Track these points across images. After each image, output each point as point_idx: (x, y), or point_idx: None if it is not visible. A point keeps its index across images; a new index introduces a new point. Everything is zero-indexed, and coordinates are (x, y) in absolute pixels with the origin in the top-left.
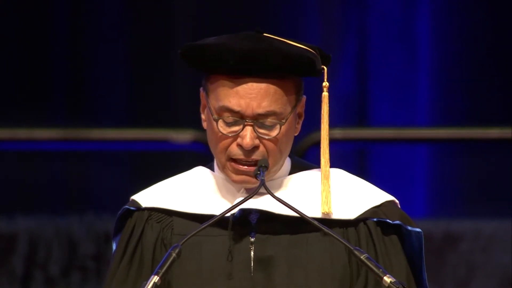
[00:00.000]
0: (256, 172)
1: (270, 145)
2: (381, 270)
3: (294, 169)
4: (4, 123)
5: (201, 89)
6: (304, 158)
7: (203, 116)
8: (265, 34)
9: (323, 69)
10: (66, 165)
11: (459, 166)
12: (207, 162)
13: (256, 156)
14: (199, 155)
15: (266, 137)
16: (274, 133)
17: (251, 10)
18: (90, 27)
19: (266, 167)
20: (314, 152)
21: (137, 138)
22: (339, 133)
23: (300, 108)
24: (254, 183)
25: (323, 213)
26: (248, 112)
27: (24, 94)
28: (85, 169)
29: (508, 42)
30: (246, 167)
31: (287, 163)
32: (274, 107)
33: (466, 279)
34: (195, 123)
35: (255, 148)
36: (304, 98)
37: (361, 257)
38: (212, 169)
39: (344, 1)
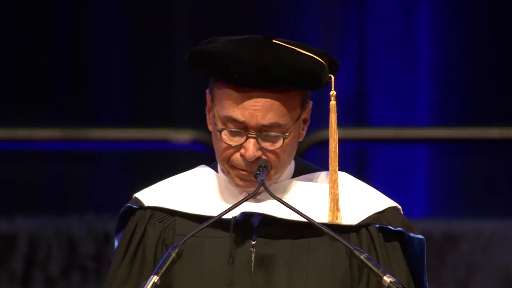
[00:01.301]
0: (255, 173)
1: (272, 157)
2: (381, 270)
3: (297, 172)
4: (4, 123)
5: (207, 91)
6: (304, 158)
7: (208, 119)
8: (274, 41)
9: (330, 78)
10: (66, 165)
11: (459, 166)
12: (207, 162)
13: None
14: (199, 155)
15: (269, 149)
16: (277, 145)
17: (251, 11)
18: (90, 28)
19: (266, 167)
20: (314, 152)
21: (137, 138)
22: (339, 133)
23: (306, 114)
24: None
25: (329, 221)
26: (252, 123)
27: (24, 94)
28: (85, 169)
29: (508, 42)
30: (249, 173)
31: (291, 166)
32: (278, 119)
33: (466, 279)
34: (195, 123)
35: (257, 159)
36: (310, 104)
37: (361, 257)
38: (215, 169)
39: (344, 2)
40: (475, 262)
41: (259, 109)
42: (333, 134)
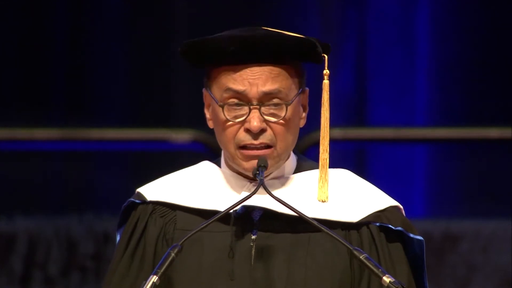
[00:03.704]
0: (255, 172)
1: (277, 127)
2: (380, 270)
3: (299, 168)
4: (4, 123)
5: (203, 89)
6: None
7: (208, 115)
8: (263, 28)
9: (324, 57)
10: (66, 165)
11: (459, 166)
12: (210, 159)
13: (264, 139)
14: (198, 155)
15: (273, 120)
16: (281, 114)
17: (251, 10)
18: (90, 27)
19: (266, 167)
20: (314, 151)
21: (137, 138)
22: (338, 132)
23: (304, 100)
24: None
25: (319, 201)
26: (253, 91)
27: (24, 94)
28: (85, 169)
29: (508, 42)
30: (255, 151)
31: (292, 162)
32: (279, 86)
33: (466, 279)
34: (195, 123)
35: (262, 131)
36: (307, 90)
37: (360, 257)
38: (218, 164)
39: (343, 1)
40: (475, 262)
41: (258, 77)
42: (325, 112)
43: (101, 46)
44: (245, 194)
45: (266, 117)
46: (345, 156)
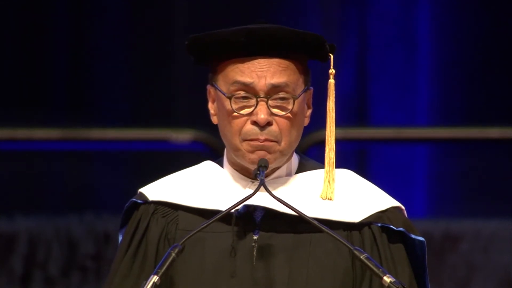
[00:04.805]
0: (255, 172)
1: (283, 122)
2: (381, 270)
3: (301, 168)
4: (4, 123)
5: (208, 85)
6: None
7: (212, 111)
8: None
9: (330, 56)
10: (66, 165)
11: (459, 166)
12: (212, 159)
13: (269, 135)
14: (199, 155)
15: (280, 113)
16: (288, 107)
17: (251, 10)
18: (91, 28)
19: (266, 167)
20: (314, 152)
21: (137, 138)
22: (339, 133)
23: (309, 99)
24: (269, 158)
25: (324, 198)
26: (261, 83)
27: (24, 94)
28: (85, 169)
29: (508, 42)
30: (260, 142)
31: (294, 161)
32: (287, 80)
33: (466, 279)
34: (195, 123)
35: (269, 125)
36: (312, 89)
37: (361, 257)
38: (220, 164)
39: (344, 1)
40: (475, 262)
41: (266, 70)
42: (331, 112)
43: (101, 46)
44: (247, 193)
45: (273, 110)
46: (346, 156)
